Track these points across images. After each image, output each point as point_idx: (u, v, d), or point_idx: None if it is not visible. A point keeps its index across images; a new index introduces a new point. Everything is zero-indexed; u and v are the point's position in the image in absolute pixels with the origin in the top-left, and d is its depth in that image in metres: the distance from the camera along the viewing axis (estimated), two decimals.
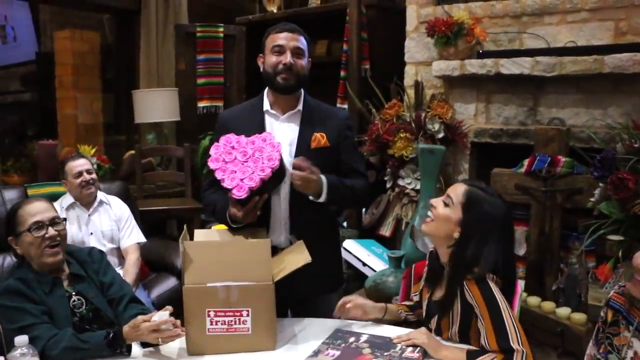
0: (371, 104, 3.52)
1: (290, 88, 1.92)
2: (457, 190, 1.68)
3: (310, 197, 1.86)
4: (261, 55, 1.99)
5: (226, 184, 1.77)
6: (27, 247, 1.75)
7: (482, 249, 1.59)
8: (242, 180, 1.76)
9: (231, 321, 1.60)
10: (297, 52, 1.91)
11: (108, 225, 2.95)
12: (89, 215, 2.92)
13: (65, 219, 1.91)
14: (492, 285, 1.56)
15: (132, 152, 4.18)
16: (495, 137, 3.21)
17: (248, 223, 1.86)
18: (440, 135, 3.24)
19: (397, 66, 3.63)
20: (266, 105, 1.98)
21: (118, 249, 3.00)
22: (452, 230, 1.64)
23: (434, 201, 1.73)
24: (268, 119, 1.97)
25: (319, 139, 1.93)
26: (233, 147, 1.82)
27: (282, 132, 1.94)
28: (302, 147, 1.91)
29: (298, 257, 1.71)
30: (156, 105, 4.19)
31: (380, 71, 3.84)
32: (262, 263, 1.63)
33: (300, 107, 1.97)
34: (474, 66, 3.11)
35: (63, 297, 1.74)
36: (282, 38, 1.90)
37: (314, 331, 1.77)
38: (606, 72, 2.73)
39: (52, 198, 2.98)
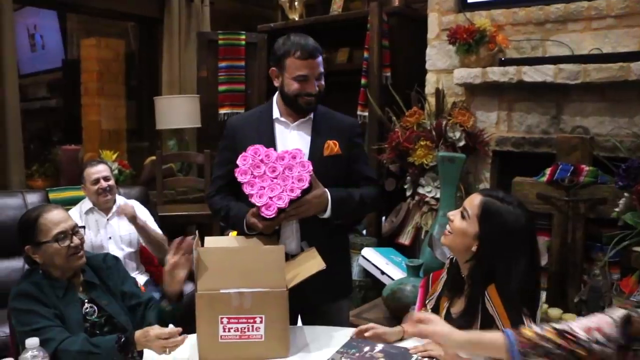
0: (391, 111, 3.50)
1: (313, 110, 1.92)
2: (474, 202, 1.62)
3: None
4: (275, 69, 1.93)
5: (255, 201, 1.76)
6: (51, 256, 1.75)
7: (504, 263, 1.51)
8: (271, 198, 1.75)
9: (244, 328, 1.59)
10: (319, 77, 1.89)
11: (127, 230, 2.97)
12: (107, 220, 2.94)
13: (84, 227, 1.92)
14: (520, 305, 1.49)
15: (153, 157, 4.22)
16: (517, 146, 3.16)
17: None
18: (461, 144, 3.20)
19: (418, 74, 3.60)
20: (276, 113, 1.96)
21: (137, 252, 3.02)
22: (470, 244, 1.58)
23: (451, 214, 1.67)
24: (278, 127, 1.94)
25: (332, 146, 1.91)
26: (262, 161, 1.81)
27: (293, 141, 1.92)
28: (315, 155, 1.88)
29: (311, 263, 1.69)
30: (177, 111, 4.22)
31: (401, 79, 3.81)
32: (276, 269, 1.62)
33: (311, 115, 1.95)
34: (496, 74, 3.07)
35: (76, 303, 1.75)
36: (306, 67, 1.84)
37: (326, 339, 1.75)
38: (632, 79, 2.66)
39: (72, 202, 3.04)
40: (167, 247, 2.86)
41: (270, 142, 1.90)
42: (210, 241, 1.88)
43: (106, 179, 2.91)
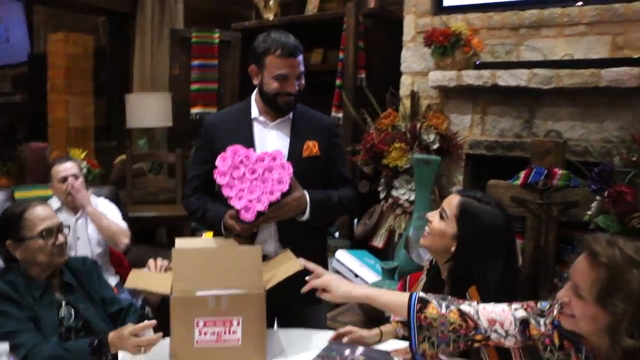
0: (366, 113, 3.50)
1: (292, 109, 1.90)
2: (452, 202, 1.62)
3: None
4: (254, 67, 1.90)
5: (234, 203, 1.73)
6: (34, 253, 1.71)
7: (481, 264, 1.52)
8: (250, 201, 1.72)
9: (221, 331, 1.55)
10: (299, 76, 1.86)
11: (96, 230, 2.89)
12: (76, 219, 2.85)
13: (68, 226, 1.88)
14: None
15: (123, 156, 4.13)
16: (490, 149, 3.19)
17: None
18: (436, 146, 3.22)
19: (393, 76, 3.61)
20: (254, 112, 1.93)
21: (106, 253, 2.94)
22: (449, 244, 1.58)
23: (430, 215, 1.67)
24: (256, 126, 1.92)
25: (311, 147, 1.89)
26: (241, 162, 1.77)
27: (271, 140, 1.90)
28: (293, 156, 1.86)
29: (288, 265, 1.67)
30: (149, 110, 4.15)
31: (375, 80, 3.82)
32: (253, 271, 1.58)
33: (290, 114, 1.92)
34: (471, 77, 3.09)
35: (52, 305, 1.70)
36: (286, 66, 1.81)
37: (304, 343, 1.72)
38: (603, 85, 2.71)
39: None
40: (124, 239, 2.79)
41: (249, 142, 1.87)
42: (182, 242, 1.83)
43: (75, 176, 2.82)
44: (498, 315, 1.35)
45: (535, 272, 2.55)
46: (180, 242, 1.81)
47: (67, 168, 2.82)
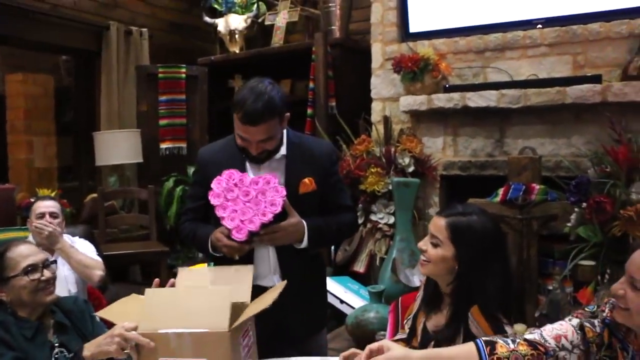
0: (340, 140, 3.54)
1: (264, 160, 1.83)
2: (439, 226, 1.62)
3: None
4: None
5: (226, 224, 1.72)
6: (18, 292, 1.65)
7: (485, 274, 1.55)
8: (242, 222, 1.71)
9: None
10: (263, 141, 1.76)
11: (71, 269, 2.80)
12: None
13: (55, 261, 1.80)
14: (501, 317, 1.53)
15: (94, 195, 4.04)
16: (464, 170, 3.27)
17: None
18: (411, 169, 3.27)
19: (362, 102, 3.69)
20: None
21: (84, 293, 2.84)
22: (452, 265, 1.59)
23: (422, 244, 1.66)
24: (249, 165, 1.85)
25: (307, 184, 1.84)
26: (235, 184, 1.76)
27: None
28: (289, 194, 1.79)
29: (259, 302, 1.55)
30: (118, 147, 4.08)
31: (345, 108, 3.87)
32: (219, 310, 1.44)
33: (284, 151, 1.86)
34: (441, 100, 3.18)
35: (45, 346, 1.62)
36: (245, 132, 1.73)
37: None
38: (568, 102, 2.84)
39: None
40: (97, 272, 2.69)
41: None
42: (184, 272, 1.77)
43: (52, 214, 2.74)
44: (560, 330, 1.36)
45: (520, 286, 2.59)
46: (183, 274, 1.73)
47: (47, 205, 2.73)
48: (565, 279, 2.50)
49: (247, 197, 1.74)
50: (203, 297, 1.50)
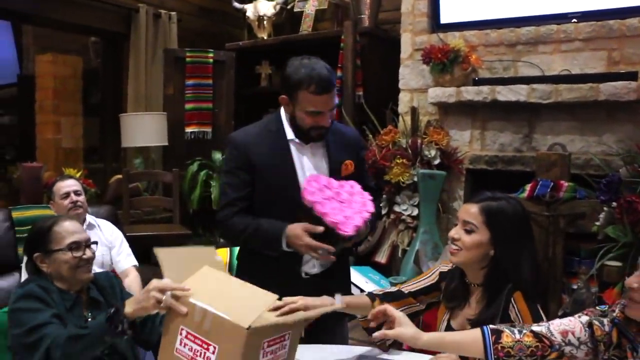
0: (367, 129, 3.52)
1: (321, 138, 1.88)
2: (473, 213, 1.63)
3: None
4: (285, 97, 1.82)
5: (331, 219, 1.71)
6: (59, 266, 1.69)
7: (519, 255, 1.59)
8: (346, 217, 1.72)
9: (197, 351, 1.40)
10: (333, 109, 1.83)
11: (98, 250, 2.82)
12: None
13: (96, 242, 1.83)
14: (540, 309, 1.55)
15: (119, 176, 4.08)
16: (490, 164, 3.23)
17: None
18: (437, 162, 3.24)
19: (389, 93, 3.65)
20: (289, 134, 1.88)
21: None
22: (486, 250, 1.61)
23: (453, 233, 1.67)
24: (293, 148, 1.89)
25: (349, 167, 1.90)
26: (326, 186, 1.80)
27: (309, 162, 1.90)
28: (334, 177, 1.86)
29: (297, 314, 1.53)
30: (144, 129, 4.11)
31: (372, 98, 3.85)
32: (252, 307, 1.43)
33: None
34: (470, 93, 3.14)
35: (80, 320, 1.67)
36: (321, 102, 1.75)
37: None
38: (601, 99, 2.78)
39: (37, 221, 2.88)
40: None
41: (287, 163, 1.86)
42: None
43: (77, 193, 2.80)
44: (568, 325, 1.38)
45: (544, 284, 2.56)
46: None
47: (69, 185, 2.79)
48: (591, 279, 2.47)
49: (339, 197, 1.78)
50: (248, 292, 1.51)
